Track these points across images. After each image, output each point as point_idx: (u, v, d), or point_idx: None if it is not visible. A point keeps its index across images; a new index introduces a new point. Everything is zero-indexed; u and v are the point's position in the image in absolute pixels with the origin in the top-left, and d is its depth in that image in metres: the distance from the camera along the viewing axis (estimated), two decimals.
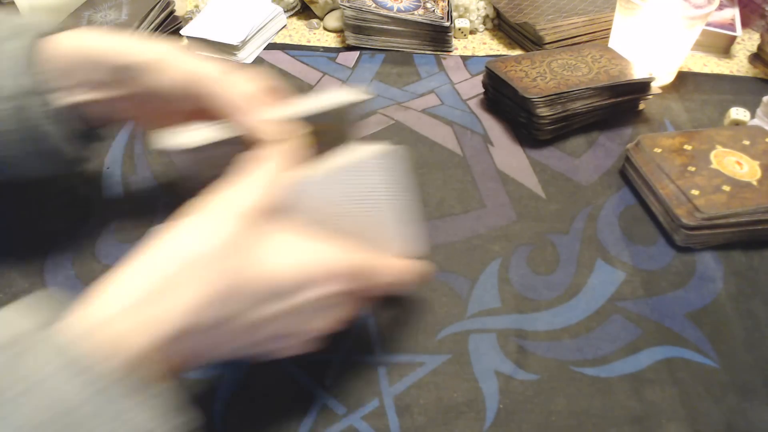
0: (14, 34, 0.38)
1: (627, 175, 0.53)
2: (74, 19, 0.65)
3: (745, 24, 0.73)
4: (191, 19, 0.70)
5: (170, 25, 0.68)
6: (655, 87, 0.59)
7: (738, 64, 0.69)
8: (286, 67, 0.66)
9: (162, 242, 0.29)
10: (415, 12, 0.68)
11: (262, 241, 0.30)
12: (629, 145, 0.53)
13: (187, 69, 0.38)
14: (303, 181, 0.33)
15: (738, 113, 0.58)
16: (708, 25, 0.67)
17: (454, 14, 0.72)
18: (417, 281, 0.37)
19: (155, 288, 0.27)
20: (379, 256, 0.34)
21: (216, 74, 0.38)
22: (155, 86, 0.38)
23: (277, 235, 0.31)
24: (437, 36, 0.69)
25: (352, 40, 0.69)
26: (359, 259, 0.33)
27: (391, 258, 0.35)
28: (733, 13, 0.72)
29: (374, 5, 0.67)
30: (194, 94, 0.38)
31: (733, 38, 0.70)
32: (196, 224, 0.29)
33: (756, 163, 0.49)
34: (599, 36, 0.69)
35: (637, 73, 0.57)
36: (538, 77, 0.57)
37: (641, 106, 0.61)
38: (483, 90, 0.62)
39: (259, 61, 0.67)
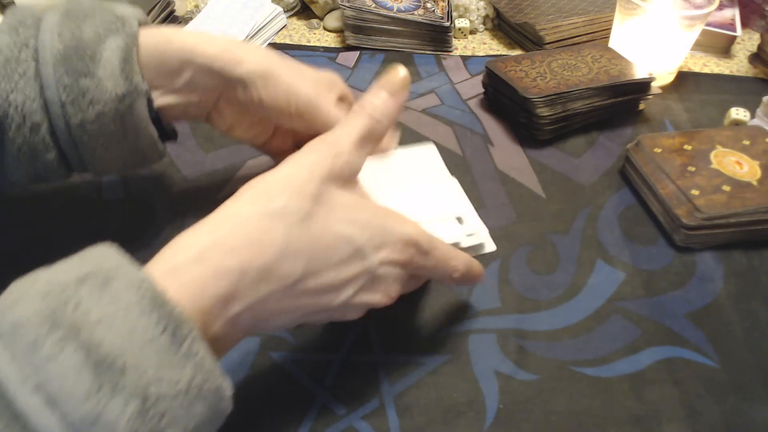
0: (114, 30, 0.37)
1: (627, 175, 0.53)
2: None
3: (745, 24, 0.73)
4: (191, 19, 0.70)
5: (170, 25, 0.68)
6: (655, 87, 0.59)
7: (738, 64, 0.69)
8: None
9: (241, 198, 0.29)
10: (415, 12, 0.68)
11: (334, 208, 0.30)
12: (629, 145, 0.53)
13: (287, 87, 0.38)
14: None
15: (738, 113, 0.58)
16: (708, 25, 0.67)
17: (454, 14, 0.72)
18: (469, 278, 0.37)
19: (233, 238, 0.27)
20: (437, 240, 0.34)
21: (312, 95, 0.38)
22: (256, 99, 0.38)
23: (347, 202, 0.31)
24: (437, 36, 0.69)
25: (352, 40, 0.69)
26: (423, 231, 0.33)
27: (448, 245, 0.35)
28: (733, 13, 0.72)
29: (374, 5, 0.67)
30: (299, 114, 0.39)
31: (733, 38, 0.70)
32: (275, 182, 0.29)
33: (756, 163, 0.49)
34: (599, 36, 0.69)
35: (637, 73, 0.57)
36: (538, 77, 0.56)
37: (641, 106, 0.61)
38: (483, 90, 0.62)
39: None
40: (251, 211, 0.28)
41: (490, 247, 0.41)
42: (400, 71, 0.34)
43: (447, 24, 0.67)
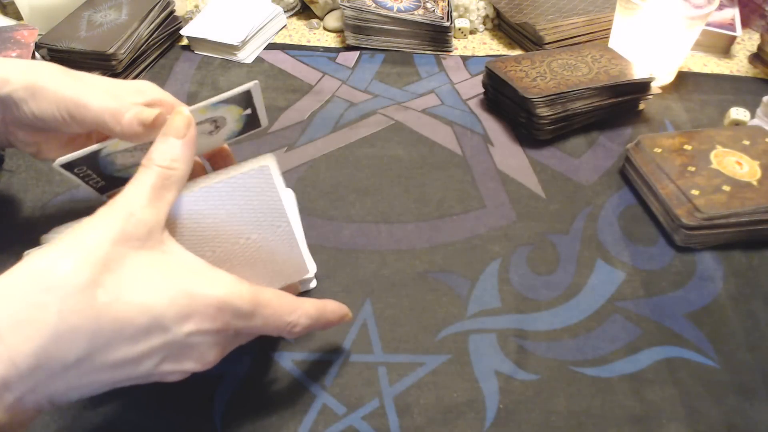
0: None
1: (627, 175, 0.53)
2: (74, 19, 0.65)
3: (745, 24, 0.73)
4: (191, 19, 0.71)
5: (170, 25, 0.68)
6: (655, 87, 0.59)
7: (738, 64, 0.69)
8: (286, 67, 0.67)
9: (14, 274, 0.26)
10: (415, 12, 0.68)
11: (129, 274, 0.27)
12: (629, 145, 0.53)
13: (60, 93, 0.35)
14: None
15: (738, 113, 0.58)
16: (708, 25, 0.67)
17: (454, 14, 0.72)
18: (324, 325, 0.34)
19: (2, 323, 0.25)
20: (266, 294, 0.31)
21: (89, 94, 0.35)
22: (31, 115, 0.36)
23: (148, 264, 0.28)
24: (437, 36, 0.69)
25: (352, 40, 0.69)
26: (242, 291, 0.30)
27: (284, 296, 0.32)
28: (733, 13, 0.72)
29: (374, 5, 0.67)
30: (71, 118, 0.35)
31: (733, 38, 0.70)
32: (56, 251, 0.26)
33: (756, 163, 0.49)
34: (599, 36, 0.69)
35: (637, 73, 0.57)
36: (538, 77, 0.56)
37: (641, 106, 0.61)
38: (483, 90, 0.62)
39: (259, 60, 0.67)
40: (22, 286, 0.25)
41: (312, 283, 0.39)
42: (183, 110, 0.32)
43: (447, 24, 0.67)
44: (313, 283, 0.41)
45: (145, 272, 0.28)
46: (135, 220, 0.28)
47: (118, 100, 0.35)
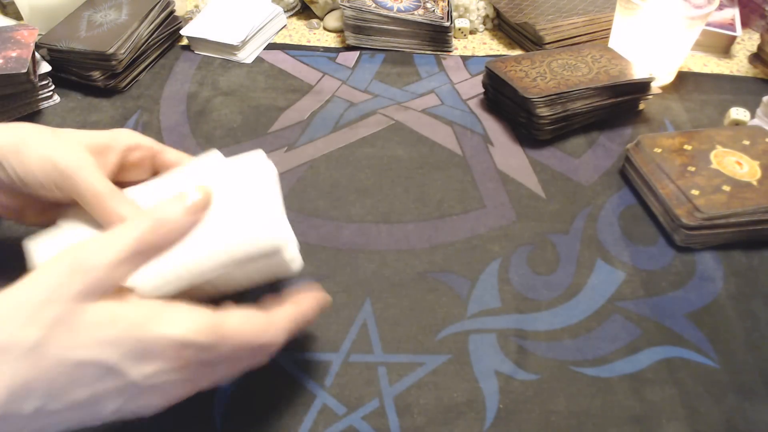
0: None
1: (627, 175, 0.53)
2: (74, 19, 0.65)
3: (745, 24, 0.73)
4: (191, 19, 0.70)
5: (170, 25, 0.68)
6: (655, 87, 0.59)
7: (738, 64, 0.69)
8: (286, 67, 0.67)
9: None
10: (415, 12, 0.68)
11: (83, 327, 0.26)
12: (629, 145, 0.53)
13: (45, 154, 0.33)
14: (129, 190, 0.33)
15: (738, 113, 0.58)
16: (708, 25, 0.67)
17: (454, 14, 0.72)
18: (301, 327, 0.33)
19: None
20: (231, 321, 0.29)
21: (75, 159, 0.33)
22: (14, 176, 0.33)
23: (102, 315, 0.27)
24: (437, 36, 0.69)
25: (352, 40, 0.69)
26: (204, 325, 0.28)
27: (253, 317, 0.30)
28: (733, 13, 0.72)
29: (374, 5, 0.67)
30: (55, 183, 0.33)
31: (733, 38, 0.70)
32: (4, 314, 0.25)
33: (756, 163, 0.49)
34: (599, 36, 0.69)
35: (637, 73, 0.57)
36: (538, 77, 0.57)
37: (641, 106, 0.61)
38: (483, 90, 0.62)
39: (259, 61, 0.67)
40: None
41: (297, 263, 0.36)
42: (206, 191, 0.31)
43: (447, 24, 0.67)
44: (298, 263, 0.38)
45: (94, 327, 0.26)
46: (98, 279, 0.27)
47: (101, 156, 0.34)
